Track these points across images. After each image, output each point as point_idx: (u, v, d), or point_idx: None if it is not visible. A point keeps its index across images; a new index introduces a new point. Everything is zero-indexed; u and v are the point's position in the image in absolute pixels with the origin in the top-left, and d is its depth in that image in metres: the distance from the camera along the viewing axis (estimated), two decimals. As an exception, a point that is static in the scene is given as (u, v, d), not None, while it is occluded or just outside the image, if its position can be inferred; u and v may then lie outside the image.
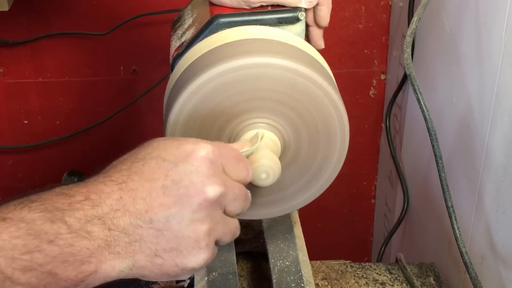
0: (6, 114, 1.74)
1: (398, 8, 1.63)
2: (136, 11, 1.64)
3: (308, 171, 0.87)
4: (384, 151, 1.83)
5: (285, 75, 0.80)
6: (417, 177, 1.53)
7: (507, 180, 1.04)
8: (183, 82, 0.82)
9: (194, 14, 0.95)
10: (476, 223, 1.15)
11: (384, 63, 1.76)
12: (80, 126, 1.75)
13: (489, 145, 1.10)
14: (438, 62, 1.35)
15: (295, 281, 0.91)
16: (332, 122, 0.83)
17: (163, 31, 1.63)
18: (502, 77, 1.03)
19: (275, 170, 0.78)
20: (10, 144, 1.77)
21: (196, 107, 0.80)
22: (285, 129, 0.83)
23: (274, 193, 0.88)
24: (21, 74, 1.70)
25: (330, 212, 1.96)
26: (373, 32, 1.72)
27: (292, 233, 1.00)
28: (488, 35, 1.09)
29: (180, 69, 0.86)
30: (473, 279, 1.05)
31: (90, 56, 1.70)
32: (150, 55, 1.70)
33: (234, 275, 0.92)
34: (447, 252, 1.28)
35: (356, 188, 1.94)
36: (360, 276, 1.24)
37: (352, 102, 1.79)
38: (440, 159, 1.05)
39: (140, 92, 1.71)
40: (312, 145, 0.85)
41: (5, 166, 1.79)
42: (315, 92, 0.81)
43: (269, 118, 0.82)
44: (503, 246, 1.06)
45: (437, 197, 1.27)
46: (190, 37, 0.89)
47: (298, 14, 0.89)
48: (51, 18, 1.64)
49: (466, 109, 1.19)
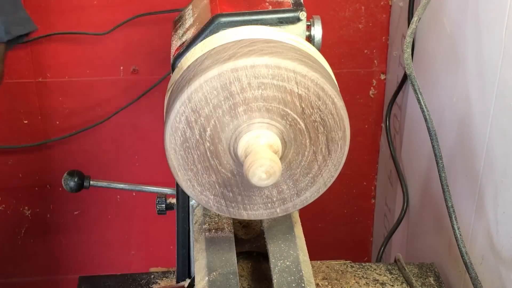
0: (6, 114, 1.74)
1: (398, 8, 1.63)
2: (136, 11, 1.64)
3: (309, 171, 0.87)
4: (384, 151, 1.83)
5: (285, 75, 0.80)
6: (417, 177, 1.53)
7: (507, 180, 1.04)
8: (184, 82, 0.82)
9: (195, 14, 0.96)
10: (476, 223, 1.15)
11: (384, 63, 1.76)
12: (80, 126, 1.75)
13: (489, 145, 1.10)
14: (438, 62, 1.35)
15: (295, 281, 0.91)
16: (332, 122, 0.83)
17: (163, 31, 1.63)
18: (502, 77, 1.04)
19: (275, 170, 0.78)
20: (10, 144, 1.77)
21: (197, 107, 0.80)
22: (285, 129, 0.83)
23: (274, 193, 0.88)
24: (21, 74, 1.70)
25: (330, 212, 1.96)
26: (373, 32, 1.72)
27: (293, 233, 1.00)
28: (488, 35, 1.09)
29: (181, 69, 0.86)
30: (473, 279, 1.05)
31: (90, 56, 1.70)
32: (150, 55, 1.70)
33: (234, 275, 0.92)
34: (447, 252, 1.28)
35: (356, 188, 1.94)
36: (360, 276, 1.24)
37: (352, 102, 1.79)
38: (440, 159, 1.05)
39: (140, 92, 1.71)
40: (312, 145, 0.85)
41: (5, 166, 1.79)
42: (316, 92, 0.81)
43: (269, 118, 0.82)
44: (503, 246, 1.06)
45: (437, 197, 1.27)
46: (191, 37, 0.89)
47: (299, 14, 0.89)
48: (51, 18, 1.64)
49: (466, 109, 1.19)
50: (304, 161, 0.86)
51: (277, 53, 0.81)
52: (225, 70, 0.79)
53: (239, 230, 1.05)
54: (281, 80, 0.80)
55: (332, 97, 0.82)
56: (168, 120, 0.82)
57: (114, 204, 1.89)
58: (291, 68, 0.80)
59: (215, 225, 1.00)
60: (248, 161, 0.78)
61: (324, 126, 0.84)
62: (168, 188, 1.16)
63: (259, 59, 0.80)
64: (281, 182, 0.87)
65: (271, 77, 0.80)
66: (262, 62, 0.80)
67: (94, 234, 1.93)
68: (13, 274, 1.94)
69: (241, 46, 0.83)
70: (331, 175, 0.88)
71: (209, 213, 1.02)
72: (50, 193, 1.85)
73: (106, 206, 1.89)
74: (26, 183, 1.82)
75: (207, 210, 1.01)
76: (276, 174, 0.78)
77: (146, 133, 1.80)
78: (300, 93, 0.81)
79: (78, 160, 1.80)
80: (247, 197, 0.88)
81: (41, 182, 1.83)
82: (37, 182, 1.83)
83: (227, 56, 0.81)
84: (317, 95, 0.81)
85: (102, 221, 1.91)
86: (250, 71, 0.80)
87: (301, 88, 0.81)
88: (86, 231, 1.92)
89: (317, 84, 0.81)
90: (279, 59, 0.80)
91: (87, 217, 1.89)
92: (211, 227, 1.00)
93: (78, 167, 1.71)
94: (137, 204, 1.89)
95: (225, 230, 0.99)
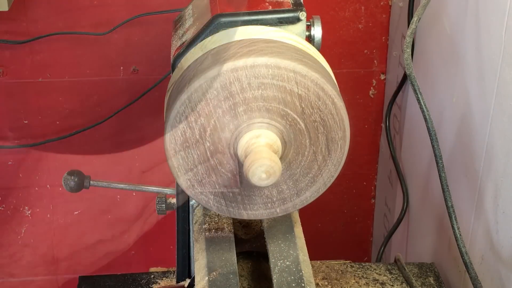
0: (6, 114, 1.74)
1: (398, 8, 1.63)
2: (136, 11, 1.64)
3: (309, 171, 0.87)
4: (384, 151, 1.83)
5: (285, 75, 0.80)
6: (417, 177, 1.53)
7: (507, 180, 1.04)
8: (184, 82, 0.82)
9: (195, 14, 0.96)
10: (476, 223, 1.15)
11: (384, 63, 1.76)
12: (80, 126, 1.75)
13: (489, 145, 1.10)
14: (438, 62, 1.35)
15: (295, 281, 0.91)
16: (332, 122, 0.83)
17: (163, 31, 1.64)
18: (502, 77, 1.04)
19: (275, 170, 0.78)
20: (10, 144, 1.77)
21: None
22: (285, 129, 0.83)
23: (274, 193, 0.88)
24: (21, 74, 1.70)
25: (330, 212, 1.96)
26: (373, 32, 1.72)
27: (293, 233, 1.00)
28: (488, 35, 1.09)
29: (181, 69, 0.86)
30: (473, 279, 1.05)
31: (90, 56, 1.70)
32: (150, 55, 1.70)
33: (234, 275, 0.92)
34: (447, 252, 1.28)
35: (356, 188, 1.94)
36: (360, 276, 1.24)
37: (352, 102, 1.79)
38: (440, 159, 1.05)
39: (140, 92, 1.71)
40: (312, 145, 0.85)
41: (5, 166, 1.79)
42: (316, 92, 0.81)
43: (269, 118, 0.82)
44: (503, 246, 1.06)
45: (437, 197, 1.27)
46: (191, 37, 0.89)
47: (299, 14, 0.89)
48: (51, 18, 1.64)
49: (466, 109, 1.19)
50: (304, 161, 0.86)
51: (277, 53, 0.81)
52: (225, 70, 0.79)
53: (239, 230, 1.05)
54: (281, 80, 0.80)
55: (332, 97, 0.82)
56: (168, 120, 0.82)
57: (114, 204, 1.89)
58: (291, 68, 0.80)
59: (215, 225, 1.00)
60: (248, 161, 0.78)
61: (324, 126, 0.84)
62: (168, 188, 1.16)
63: (259, 59, 0.80)
64: (281, 182, 0.87)
65: (271, 77, 0.80)
66: (262, 62, 0.80)
67: (94, 234, 1.93)
68: (13, 274, 1.94)
69: (241, 46, 0.83)
70: (331, 175, 0.88)
71: (209, 213, 1.02)
72: (50, 193, 1.85)
73: (106, 206, 1.89)
74: (26, 183, 1.82)
75: (207, 210, 1.01)
76: (276, 174, 0.78)
77: (146, 133, 1.80)
78: (300, 93, 0.81)
79: (78, 160, 1.80)
80: (247, 197, 0.88)
81: (41, 182, 1.83)
82: (37, 182, 1.83)
83: (227, 56, 0.81)
84: (317, 95, 0.81)
85: (102, 221, 1.91)
86: (250, 71, 0.80)
87: (301, 88, 0.81)
88: (86, 231, 1.92)
89: (317, 84, 0.81)
90: (279, 59, 0.80)
91: (87, 217, 1.89)
92: (211, 227, 1.00)
93: (78, 167, 1.71)
94: (137, 204, 1.89)
95: (225, 230, 0.99)
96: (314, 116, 0.83)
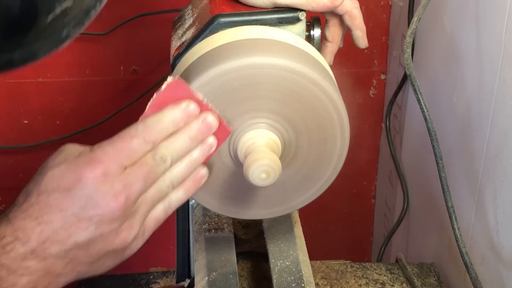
0: (6, 114, 1.74)
1: (398, 8, 1.63)
2: (136, 11, 1.64)
3: (309, 171, 0.87)
4: (384, 151, 1.83)
5: (285, 75, 0.80)
6: (417, 177, 1.53)
7: (507, 180, 1.04)
8: (183, 82, 0.82)
9: (195, 14, 0.96)
10: (476, 223, 1.15)
11: (384, 63, 1.76)
12: (80, 126, 1.75)
13: (489, 145, 1.10)
14: (438, 62, 1.35)
15: (295, 281, 0.91)
16: (332, 122, 0.83)
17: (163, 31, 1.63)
18: (502, 77, 1.03)
19: (275, 170, 0.78)
20: (10, 144, 1.77)
21: (196, 107, 0.80)
22: (285, 129, 0.83)
23: (274, 193, 0.88)
24: (21, 74, 1.70)
25: (330, 212, 1.95)
26: (373, 32, 1.72)
27: (292, 233, 1.00)
28: (488, 35, 1.09)
29: (181, 69, 0.86)
30: (473, 279, 1.05)
31: (90, 56, 1.70)
32: (150, 55, 1.70)
33: (234, 275, 0.92)
34: (447, 252, 1.28)
35: (356, 188, 1.94)
36: (360, 276, 1.24)
37: (352, 102, 1.78)
38: (440, 159, 1.05)
39: (140, 92, 1.71)
40: (312, 145, 0.85)
41: (5, 166, 1.79)
42: (316, 93, 0.81)
43: (269, 118, 0.82)
44: (503, 246, 1.06)
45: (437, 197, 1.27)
46: (191, 37, 0.89)
47: (299, 14, 0.89)
48: (51, 18, 1.64)
49: (466, 109, 1.19)
50: (303, 160, 0.86)
51: (277, 53, 0.81)
52: (225, 70, 0.79)
53: (239, 230, 1.05)
54: (280, 80, 0.80)
55: (332, 97, 0.82)
56: (168, 120, 0.82)
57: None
58: (291, 68, 0.80)
59: (215, 225, 1.00)
60: (248, 161, 0.78)
61: (324, 125, 0.84)
62: (168, 188, 1.16)
63: (259, 59, 0.80)
64: (280, 182, 0.86)
65: (270, 77, 0.80)
66: (261, 62, 0.80)
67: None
68: (13, 274, 1.94)
69: (241, 46, 0.83)
70: (330, 175, 0.88)
71: (209, 213, 1.02)
72: (50, 193, 1.85)
73: (106, 206, 1.89)
74: (26, 183, 1.82)
75: (207, 210, 1.01)
76: (275, 174, 0.78)
77: (146, 133, 1.80)
78: (300, 93, 0.81)
79: (78, 160, 1.80)
80: (247, 197, 0.88)
81: (41, 182, 1.83)
82: (37, 182, 1.83)
83: (227, 56, 0.81)
84: (317, 95, 0.81)
85: (102, 221, 1.91)
86: (250, 71, 0.80)
87: (300, 88, 0.81)
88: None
89: (316, 84, 0.81)
90: (279, 59, 0.80)
91: (87, 217, 1.89)
92: (211, 227, 1.00)
93: (78, 167, 1.69)
94: (137, 204, 1.89)
95: (225, 230, 0.99)
96: (313, 116, 0.83)
